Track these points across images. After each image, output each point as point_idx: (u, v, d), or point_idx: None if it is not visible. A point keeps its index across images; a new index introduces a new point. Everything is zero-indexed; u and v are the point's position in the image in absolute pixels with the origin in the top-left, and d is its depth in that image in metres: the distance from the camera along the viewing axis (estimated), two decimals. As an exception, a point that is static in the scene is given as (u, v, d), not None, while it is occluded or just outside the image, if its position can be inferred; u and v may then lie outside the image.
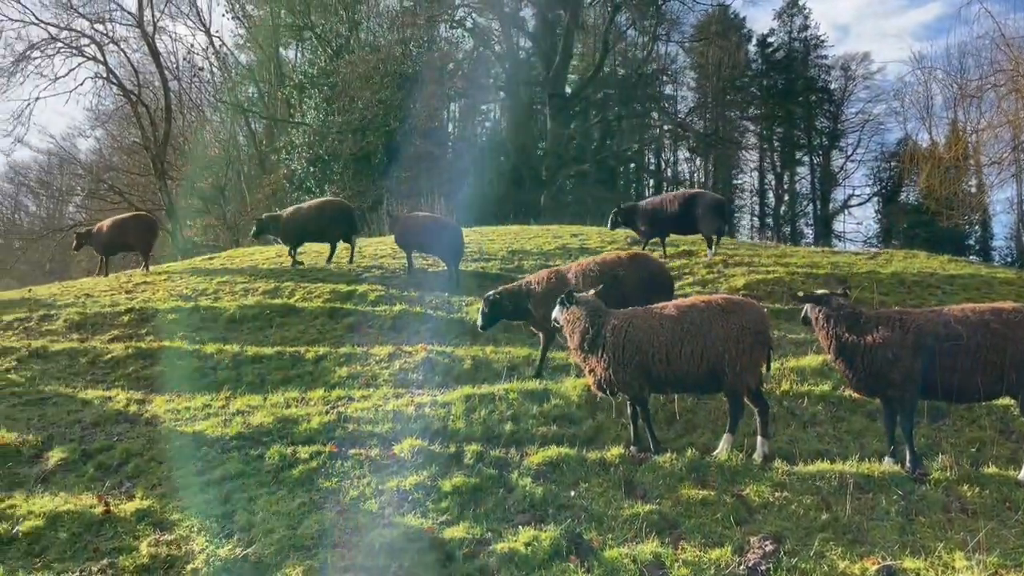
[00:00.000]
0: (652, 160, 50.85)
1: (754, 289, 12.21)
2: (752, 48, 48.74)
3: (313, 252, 16.74)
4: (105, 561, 5.60)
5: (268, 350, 10.16)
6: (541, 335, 9.10)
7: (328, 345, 10.38)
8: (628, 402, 7.01)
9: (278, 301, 12.39)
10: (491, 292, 9.12)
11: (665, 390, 7.06)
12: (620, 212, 15.24)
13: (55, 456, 7.24)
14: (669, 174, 50.77)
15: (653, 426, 7.00)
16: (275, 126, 40.19)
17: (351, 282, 13.58)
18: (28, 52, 33.15)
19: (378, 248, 17.38)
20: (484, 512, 5.98)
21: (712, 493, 6.11)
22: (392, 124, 31.96)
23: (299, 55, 42.83)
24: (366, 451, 7.04)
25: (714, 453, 6.72)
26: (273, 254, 17.40)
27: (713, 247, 14.59)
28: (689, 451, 6.70)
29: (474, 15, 38.02)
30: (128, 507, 6.28)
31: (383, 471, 6.69)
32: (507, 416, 7.58)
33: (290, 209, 16.05)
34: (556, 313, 7.37)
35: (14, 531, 6.02)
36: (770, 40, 48.66)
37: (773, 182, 49.97)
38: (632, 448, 6.88)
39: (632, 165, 48.11)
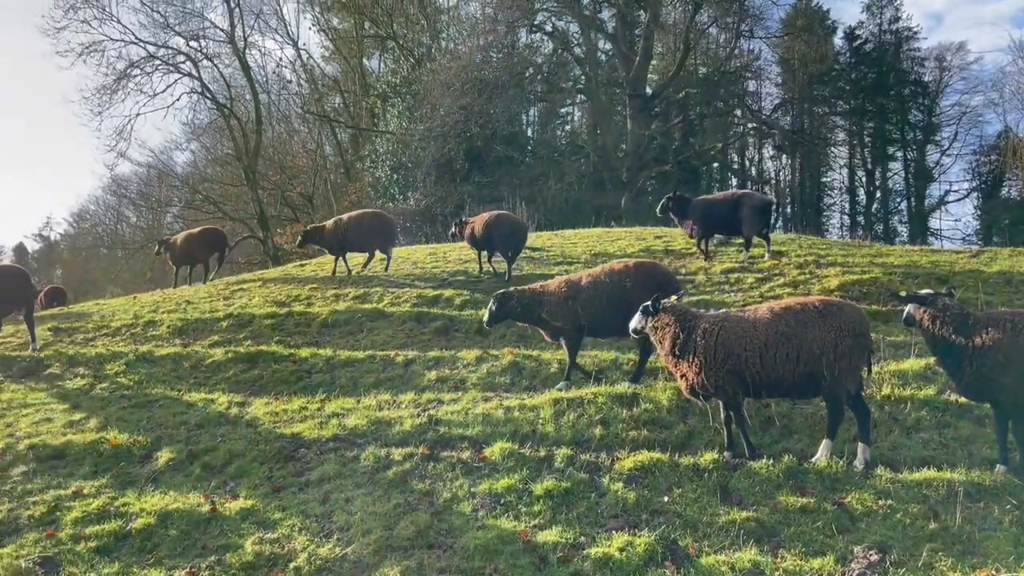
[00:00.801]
0: (736, 159, 49.80)
1: (849, 290, 11.81)
2: (839, 41, 47.26)
3: (398, 258, 17.04)
4: (213, 558, 5.84)
5: (359, 354, 10.41)
6: (563, 342, 9.06)
7: (416, 349, 10.56)
8: (721, 407, 6.89)
9: (367, 306, 12.67)
10: (502, 290, 9.28)
11: (760, 394, 6.90)
12: (673, 199, 14.96)
13: (164, 456, 7.60)
14: (753, 173, 49.65)
15: (748, 431, 6.85)
16: (360, 135, 41.17)
17: (437, 287, 13.78)
18: (129, 70, 35.03)
19: (462, 253, 17.56)
20: (576, 516, 5.97)
21: (811, 501, 5.94)
22: (473, 130, 32.29)
23: (382, 65, 43.82)
24: (457, 454, 7.13)
25: (812, 459, 6.53)
26: (353, 261, 17.76)
27: (750, 249, 14.48)
28: (786, 457, 6.53)
29: (553, 19, 38.07)
30: (233, 506, 6.53)
31: (474, 474, 6.76)
32: (596, 420, 7.54)
33: (331, 221, 16.52)
34: (636, 322, 7.27)
35: (128, 528, 6.34)
36: (858, 32, 47.06)
37: (864, 179, 48.24)
38: (726, 453, 6.75)
39: (715, 165, 47.21)
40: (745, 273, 13.23)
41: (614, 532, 5.68)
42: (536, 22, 37.05)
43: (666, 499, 6.12)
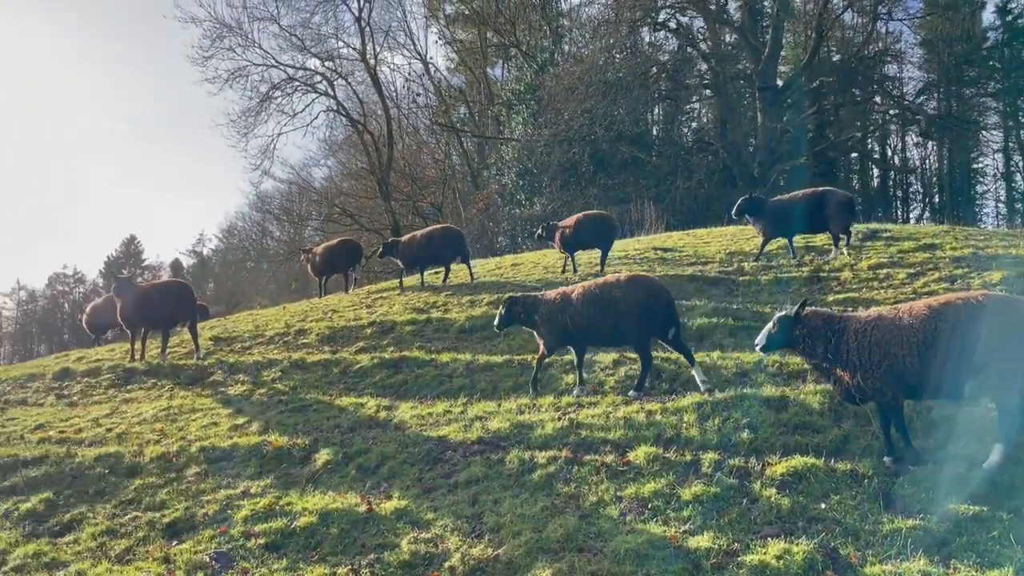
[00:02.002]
0: (876, 148, 47.22)
1: (1014, 285, 10.97)
2: (989, 16, 43.91)
3: (529, 263, 17.22)
4: (372, 556, 6.10)
5: (497, 358, 10.60)
6: (573, 349, 9.28)
7: (553, 353, 10.60)
8: (878, 410, 6.56)
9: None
10: (510, 295, 9.80)
11: (920, 396, 6.51)
12: (748, 203, 14.71)
13: (321, 458, 8.00)
14: (896, 162, 46.92)
15: (909, 435, 6.49)
16: (486, 143, 41.90)
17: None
18: (270, 92, 37.17)
19: (591, 256, 17.55)
20: (728, 522, 5.83)
21: (985, 509, 5.55)
22: (598, 132, 32.22)
23: (505, 73, 44.44)
24: (601, 457, 7.13)
25: (984, 465, 6.10)
26: (493, 266, 18.09)
27: (839, 245, 14.21)
28: (953, 462, 6.14)
29: (677, 15, 37.42)
30: (387, 506, 6.79)
31: (619, 477, 6.74)
32: (743, 424, 7.35)
33: (407, 236, 17.06)
34: (770, 334, 7.00)
35: (292, 526, 6.72)
36: (1011, 7, 43.56)
37: (1022, 163, 44.59)
38: (887, 459, 6.42)
39: (854, 155, 44.95)
40: (896, 268, 12.54)
41: (769, 539, 5.51)
42: (660, 20, 36.55)
43: (823, 506, 5.88)
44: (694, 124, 43.86)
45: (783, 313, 6.90)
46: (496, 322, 9.73)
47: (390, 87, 43.17)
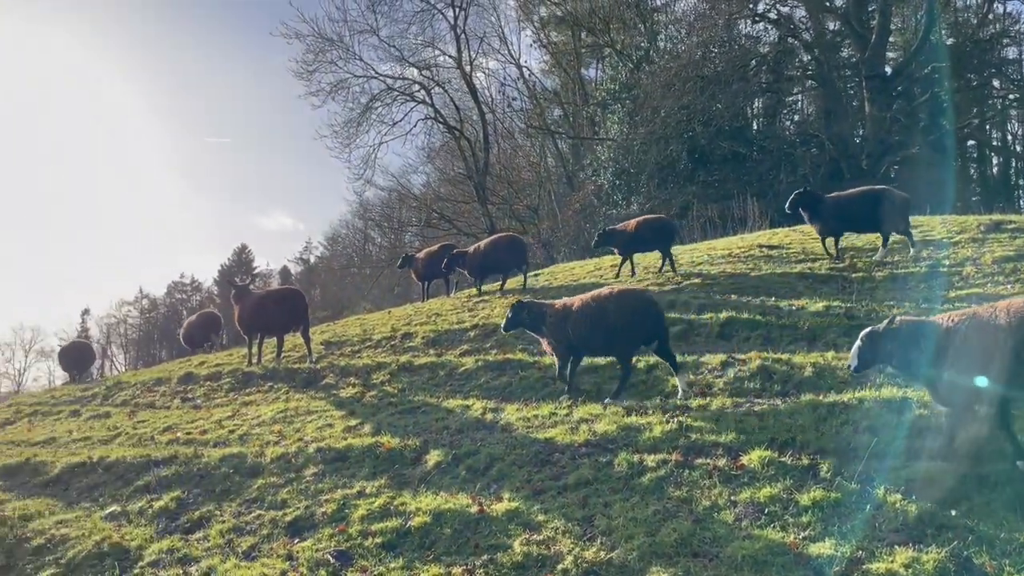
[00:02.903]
0: (996, 135, 44.50)
1: None
2: (1123, -13, 40.70)
3: (609, 267, 17.07)
4: (485, 556, 6.18)
5: (600, 360, 10.55)
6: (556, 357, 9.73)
7: (656, 354, 10.49)
8: (999, 412, 6.19)
9: (604, 313, 12.79)
10: (519, 299, 10.37)
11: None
12: (802, 197, 14.49)
13: (432, 459, 8.17)
14: (1018, 149, 44.09)
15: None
16: (581, 144, 41.79)
17: (673, 290, 13.63)
18: (371, 103, 38.17)
19: (693, 255, 17.26)
20: (850, 528, 5.63)
21: None
22: (696, 129, 31.66)
23: (600, 73, 44.21)
24: (712, 461, 7.00)
25: None
26: (592, 267, 18.05)
27: (887, 246, 14.07)
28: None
29: (778, 6, 36.37)
30: (498, 507, 6.87)
31: (733, 482, 6.60)
32: (863, 427, 7.07)
33: (472, 247, 17.73)
34: (860, 352, 6.78)
35: (407, 525, 6.89)
36: None
37: None
38: (1020, 463, 6.06)
39: (971, 143, 42.50)
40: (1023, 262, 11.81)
41: (896, 547, 5.29)
42: (759, 11, 35.59)
43: (953, 512, 5.60)
44: (797, 117, 42.46)
45: (870, 329, 6.70)
46: (503, 324, 10.18)
47: (485, 92, 43.65)
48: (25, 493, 9.74)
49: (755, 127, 39.23)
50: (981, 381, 5.99)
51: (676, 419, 8.03)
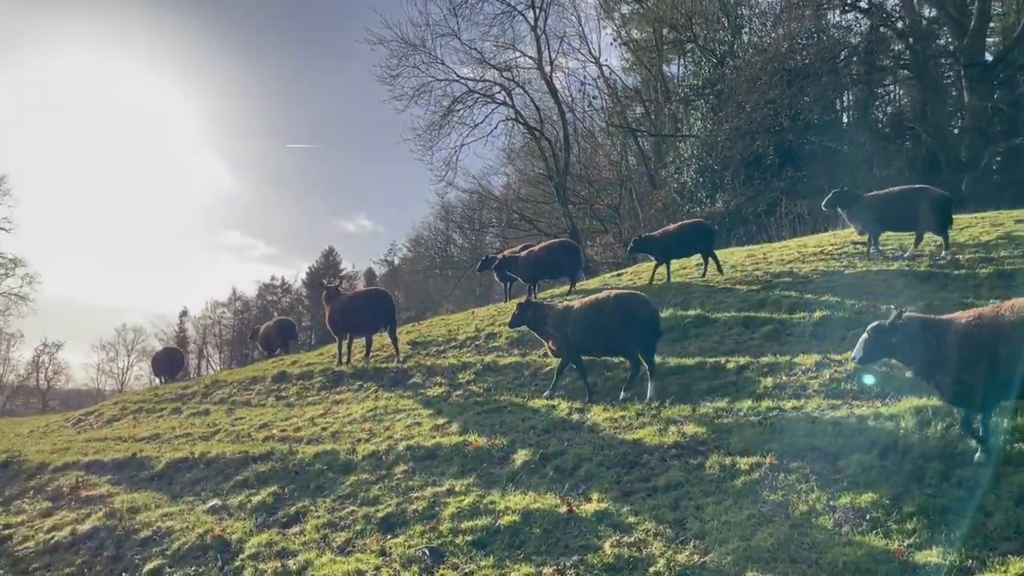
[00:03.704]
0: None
1: None
2: None
3: (694, 267, 16.74)
4: (575, 557, 6.16)
5: (688, 360, 10.39)
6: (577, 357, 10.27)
7: (747, 355, 10.27)
8: None
9: (691, 312, 12.59)
10: (526, 299, 11.10)
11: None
12: (840, 195, 14.49)
13: (519, 459, 8.19)
14: None
15: None
16: (663, 142, 41.25)
17: (761, 289, 13.30)
18: (452, 106, 38.58)
19: (783, 253, 16.80)
20: (959, 537, 5.37)
21: None
22: (783, 123, 30.78)
23: (682, 69, 43.50)
24: (808, 464, 6.80)
25: None
26: (677, 267, 17.75)
27: (919, 246, 13.97)
28: None
29: (869, -7, 35.01)
30: (587, 508, 6.84)
31: (831, 486, 6.39)
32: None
33: (524, 252, 17.85)
34: (866, 345, 6.83)
35: (497, 524, 6.93)
36: None
37: None
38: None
39: (1082, 131, 39.94)
40: None
41: (1009, 556, 5.02)
42: (848, 0, 34.39)
43: (1074, 523, 5.28)
44: (890, 109, 40.82)
45: (877, 323, 6.84)
46: (509, 321, 10.82)
47: (564, 92, 43.55)
48: (132, 486, 10.25)
49: (846, 120, 37.90)
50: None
51: (769, 421, 7.84)
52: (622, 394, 9.72)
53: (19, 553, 9.13)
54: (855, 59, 34.60)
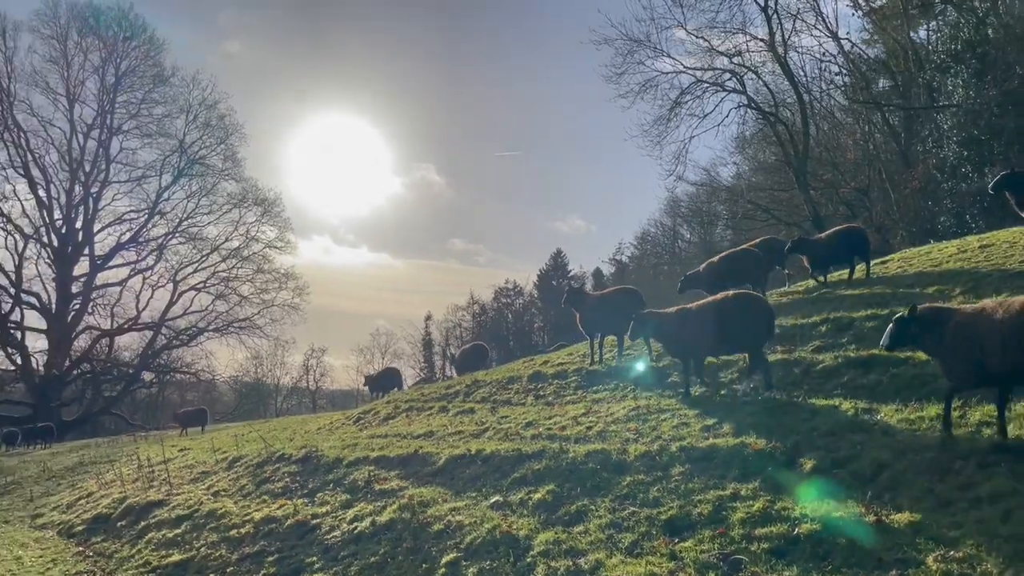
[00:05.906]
0: None
1: None
2: None
3: (977, 248, 14.91)
4: (893, 572, 5.67)
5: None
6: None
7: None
8: None
9: None
10: (646, 311, 12.06)
11: None
12: (1010, 177, 13.15)
13: (808, 463, 7.72)
14: None
15: None
16: (916, 115, 37.63)
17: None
18: (680, 98, 37.85)
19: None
20: None
21: None
22: (1067, 82, 26.90)
23: (933, 34, 39.43)
24: None
25: None
26: (954, 250, 16.04)
27: None
28: None
29: None
30: (898, 518, 6.29)
31: None
32: None
33: (704, 263, 17.58)
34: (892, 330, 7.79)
35: (794, 532, 6.57)
36: None
37: None
38: None
39: None
40: None
41: None
42: None
43: None
44: None
45: (900, 314, 7.84)
46: (628, 333, 12.10)
47: (800, 72, 41.06)
48: (417, 481, 10.98)
49: None
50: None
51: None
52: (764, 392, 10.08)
53: (328, 542, 10.11)
54: None
